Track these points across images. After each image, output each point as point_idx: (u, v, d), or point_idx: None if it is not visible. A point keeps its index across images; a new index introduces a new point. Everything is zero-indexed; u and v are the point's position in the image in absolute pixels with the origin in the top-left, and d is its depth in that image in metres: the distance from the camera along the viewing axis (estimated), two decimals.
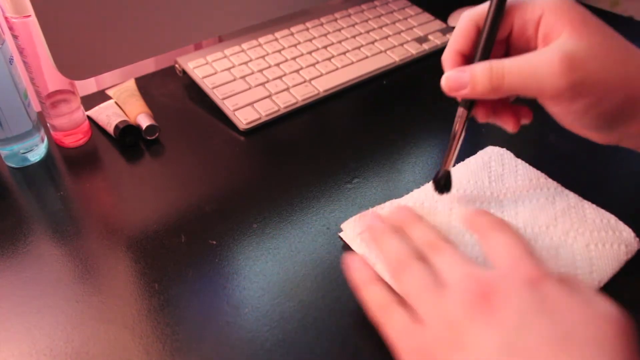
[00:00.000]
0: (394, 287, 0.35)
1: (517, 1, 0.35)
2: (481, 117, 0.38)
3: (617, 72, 0.32)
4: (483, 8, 0.36)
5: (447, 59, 0.37)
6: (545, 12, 0.33)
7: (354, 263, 0.36)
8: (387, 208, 0.43)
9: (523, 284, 0.29)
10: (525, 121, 0.38)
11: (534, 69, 0.32)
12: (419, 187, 0.47)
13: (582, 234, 0.40)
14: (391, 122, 0.56)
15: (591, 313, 0.28)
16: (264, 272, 0.40)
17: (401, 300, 0.33)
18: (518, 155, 0.47)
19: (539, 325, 0.27)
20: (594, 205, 0.42)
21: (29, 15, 0.44)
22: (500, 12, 0.35)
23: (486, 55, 0.35)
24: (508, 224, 0.34)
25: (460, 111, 0.37)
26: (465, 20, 0.36)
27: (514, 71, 0.33)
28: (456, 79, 0.35)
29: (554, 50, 0.32)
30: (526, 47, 0.36)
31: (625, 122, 0.33)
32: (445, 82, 0.35)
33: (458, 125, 0.38)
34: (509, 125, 0.38)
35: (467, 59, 0.37)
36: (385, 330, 0.32)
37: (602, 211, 0.42)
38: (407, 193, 0.46)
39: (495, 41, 0.36)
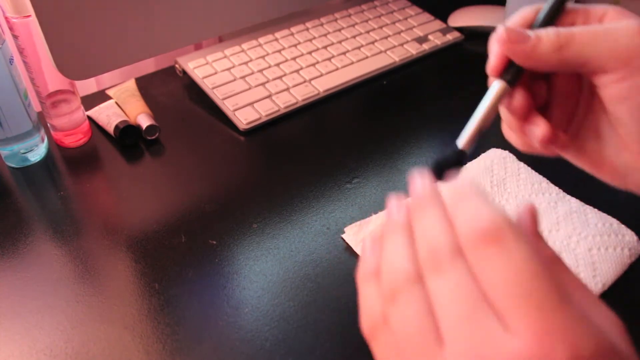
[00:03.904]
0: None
1: (580, 5, 0.33)
2: (520, 107, 0.31)
3: None
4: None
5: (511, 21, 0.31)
6: (609, 10, 0.31)
7: (365, 246, 0.27)
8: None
9: None
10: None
11: (608, 29, 0.29)
12: None
13: (584, 238, 0.40)
14: (391, 122, 0.56)
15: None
16: (264, 272, 0.40)
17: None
18: (520, 158, 0.47)
19: None
20: (596, 210, 0.42)
21: (29, 15, 0.44)
22: None
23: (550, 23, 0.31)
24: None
25: (499, 86, 0.30)
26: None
27: (585, 31, 0.29)
28: (518, 32, 0.29)
29: (629, 18, 0.29)
30: None
31: None
32: (505, 30, 0.29)
33: (493, 100, 0.30)
34: (541, 128, 0.31)
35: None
36: (372, 346, 0.25)
37: (605, 215, 0.42)
38: (407, 193, 0.46)
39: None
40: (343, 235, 0.43)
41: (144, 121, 0.52)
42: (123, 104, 0.55)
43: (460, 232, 0.22)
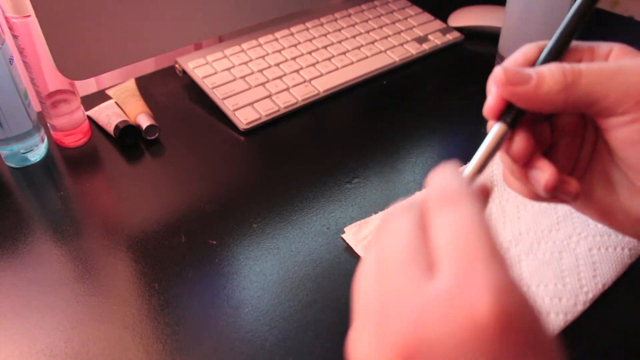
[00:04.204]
0: None
1: (585, 43, 0.30)
2: (521, 151, 0.28)
3: None
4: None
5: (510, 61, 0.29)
6: (614, 47, 0.29)
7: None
8: None
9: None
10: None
11: (616, 67, 0.26)
12: (419, 187, 0.47)
13: (584, 238, 0.40)
14: (391, 122, 0.56)
15: None
16: (264, 272, 0.40)
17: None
18: None
19: None
20: None
21: (29, 15, 0.44)
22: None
23: (556, 57, 0.28)
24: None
25: (498, 128, 0.27)
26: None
27: (593, 68, 0.26)
28: (517, 72, 0.27)
29: (636, 57, 0.27)
30: None
31: None
32: (502, 71, 0.27)
33: (490, 144, 0.27)
34: (547, 173, 0.28)
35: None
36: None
37: None
38: (407, 193, 0.46)
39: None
40: (343, 235, 0.43)
41: (144, 121, 0.52)
42: (123, 104, 0.55)
43: (428, 194, 0.23)
